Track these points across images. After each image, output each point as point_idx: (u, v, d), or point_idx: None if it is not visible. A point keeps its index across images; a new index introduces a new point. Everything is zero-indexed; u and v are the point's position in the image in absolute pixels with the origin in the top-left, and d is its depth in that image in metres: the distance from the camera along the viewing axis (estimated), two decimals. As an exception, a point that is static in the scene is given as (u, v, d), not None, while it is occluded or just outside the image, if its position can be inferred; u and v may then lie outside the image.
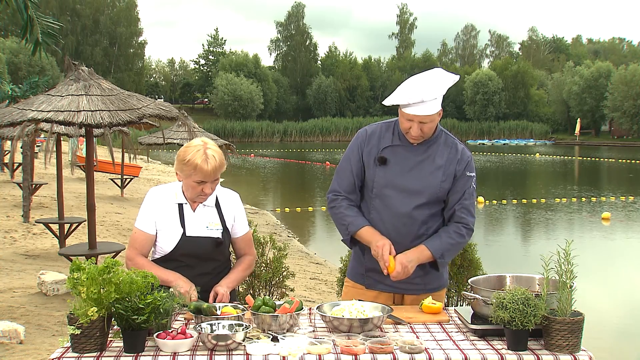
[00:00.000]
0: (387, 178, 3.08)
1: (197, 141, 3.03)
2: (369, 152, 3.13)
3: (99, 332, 2.31)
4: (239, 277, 3.22)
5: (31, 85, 12.68)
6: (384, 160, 3.08)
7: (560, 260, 2.44)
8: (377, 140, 3.13)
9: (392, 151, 3.10)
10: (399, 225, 3.07)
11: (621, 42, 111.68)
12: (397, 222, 3.07)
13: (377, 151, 3.11)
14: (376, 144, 3.12)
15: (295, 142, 72.11)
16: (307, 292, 8.47)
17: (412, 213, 3.05)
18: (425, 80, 2.98)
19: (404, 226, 3.07)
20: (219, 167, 2.98)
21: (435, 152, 3.10)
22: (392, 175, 3.08)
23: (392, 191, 3.07)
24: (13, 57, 56.61)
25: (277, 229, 14.70)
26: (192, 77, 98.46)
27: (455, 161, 3.10)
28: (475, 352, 2.37)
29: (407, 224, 3.07)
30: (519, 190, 24.48)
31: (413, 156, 3.08)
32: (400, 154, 3.09)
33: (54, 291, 7.08)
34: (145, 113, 6.68)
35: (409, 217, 3.06)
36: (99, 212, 10.66)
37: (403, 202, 3.06)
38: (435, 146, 3.11)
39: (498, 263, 10.47)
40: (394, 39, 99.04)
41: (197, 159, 2.93)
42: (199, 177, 2.96)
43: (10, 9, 7.16)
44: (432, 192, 3.06)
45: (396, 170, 3.08)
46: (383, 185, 3.09)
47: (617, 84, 65.77)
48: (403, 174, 3.07)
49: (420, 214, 3.07)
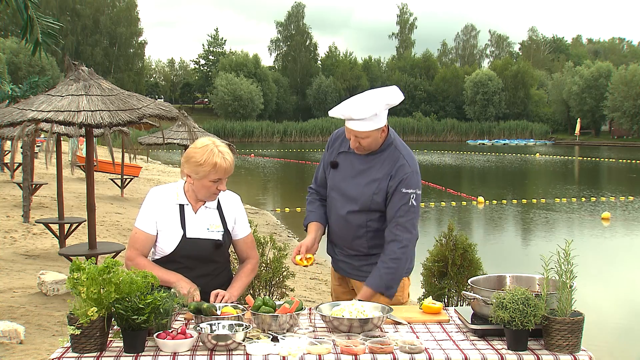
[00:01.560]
0: (334, 181, 3.31)
1: (206, 140, 3.03)
2: (330, 154, 3.38)
3: (99, 332, 2.31)
4: (243, 283, 3.21)
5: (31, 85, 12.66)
6: (335, 164, 3.32)
7: (560, 260, 2.44)
8: (338, 144, 3.35)
9: (344, 157, 3.30)
10: (340, 225, 3.31)
11: (621, 42, 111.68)
12: (338, 223, 3.31)
13: (334, 155, 3.33)
14: (336, 148, 3.35)
15: (295, 142, 72.10)
16: (307, 292, 8.47)
17: (346, 217, 3.24)
18: (358, 100, 3.09)
19: (342, 228, 3.29)
20: (233, 162, 3.04)
21: (377, 164, 3.20)
22: (338, 180, 3.29)
23: (336, 194, 3.30)
24: (13, 57, 56.65)
25: (277, 229, 14.70)
26: (192, 77, 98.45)
27: (389, 177, 3.16)
28: (475, 352, 2.37)
29: (344, 226, 3.28)
30: (519, 190, 24.47)
31: (358, 164, 3.24)
32: (349, 161, 3.28)
33: (54, 291, 7.08)
34: (145, 113, 6.68)
35: (344, 220, 3.26)
36: (99, 212, 10.67)
37: (341, 206, 3.27)
38: (379, 159, 3.20)
39: (498, 263, 10.48)
40: (394, 39, 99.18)
41: (215, 158, 2.95)
42: (218, 175, 2.99)
43: (10, 9, 7.16)
44: (364, 202, 3.20)
45: (342, 176, 3.28)
46: (331, 187, 3.34)
47: (617, 84, 65.75)
48: (346, 180, 3.26)
49: (354, 219, 3.23)
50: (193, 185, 3.05)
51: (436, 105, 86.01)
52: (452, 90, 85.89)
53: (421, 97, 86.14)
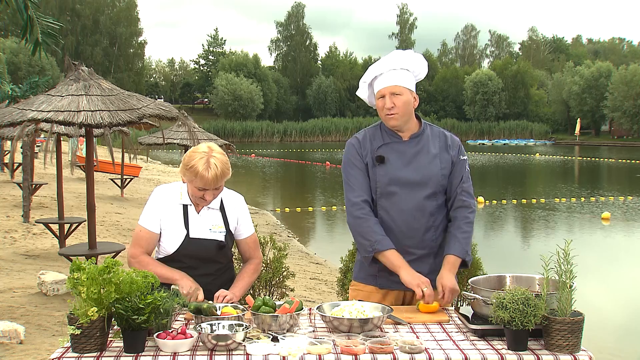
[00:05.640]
0: (388, 175, 3.10)
1: (203, 147, 3.02)
2: (366, 155, 3.16)
3: (99, 332, 2.31)
4: (246, 283, 3.20)
5: (31, 85, 12.67)
6: (382, 158, 3.12)
7: (560, 260, 2.44)
8: (369, 143, 3.17)
9: (387, 148, 3.14)
10: (409, 220, 3.08)
11: (621, 42, 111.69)
12: (407, 217, 3.08)
13: (373, 152, 3.15)
14: (370, 146, 3.16)
15: (295, 142, 72.09)
16: (307, 292, 8.47)
17: (420, 205, 3.09)
18: (395, 53, 3.18)
19: (414, 219, 3.09)
20: (221, 176, 2.97)
21: (427, 142, 3.17)
22: (393, 171, 3.10)
23: (396, 187, 3.09)
24: (13, 57, 56.64)
25: (277, 229, 14.71)
26: (192, 77, 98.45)
27: (447, 148, 3.18)
28: (475, 352, 2.37)
29: (417, 216, 3.09)
30: (519, 190, 24.47)
31: (408, 149, 3.14)
32: (396, 149, 3.14)
33: (54, 291, 7.08)
34: (145, 113, 6.68)
35: (417, 210, 3.09)
36: (99, 212, 10.67)
37: (409, 196, 3.08)
38: (425, 138, 3.18)
39: (498, 263, 10.46)
40: (394, 39, 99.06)
41: (199, 166, 2.93)
42: (200, 184, 2.97)
43: (10, 9, 7.16)
44: (434, 181, 3.11)
45: (396, 166, 3.11)
46: (386, 183, 3.10)
47: (617, 84, 65.74)
48: (403, 168, 3.10)
49: (429, 205, 3.10)
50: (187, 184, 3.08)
51: (436, 105, 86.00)
52: (452, 90, 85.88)
53: (421, 97, 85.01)
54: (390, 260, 3.04)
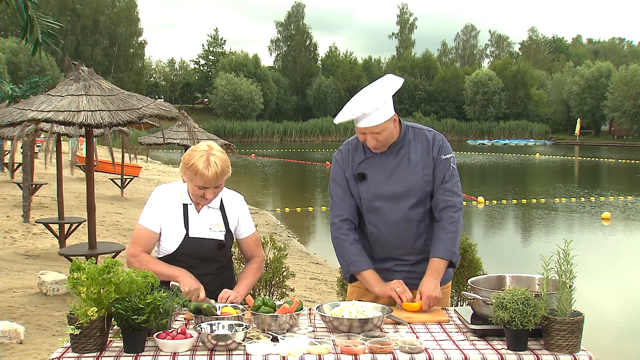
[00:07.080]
0: (371, 191, 3.11)
1: (203, 145, 3.03)
2: (348, 170, 3.17)
3: (99, 332, 2.31)
4: (250, 282, 3.21)
5: (31, 85, 12.67)
6: (363, 175, 3.12)
7: (560, 260, 2.44)
8: (351, 157, 3.17)
9: (368, 163, 3.13)
10: (397, 231, 3.11)
11: (621, 42, 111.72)
12: (394, 228, 3.11)
13: (354, 168, 3.15)
14: (351, 162, 3.16)
15: (295, 142, 72.09)
16: (307, 292, 8.47)
17: (406, 216, 3.09)
18: (364, 95, 2.98)
19: (402, 230, 3.12)
20: (221, 175, 2.98)
21: (408, 149, 3.12)
22: (375, 187, 3.11)
23: (381, 202, 3.10)
24: (13, 57, 56.61)
25: (277, 229, 14.71)
26: (192, 77, 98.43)
27: (428, 150, 3.12)
28: (475, 352, 2.37)
29: (404, 227, 3.11)
30: (519, 190, 24.46)
31: (389, 161, 3.11)
32: (377, 164, 3.12)
33: (54, 291, 7.08)
34: (145, 113, 6.68)
35: (404, 221, 3.10)
36: (99, 212, 10.67)
37: (394, 208, 3.09)
38: (406, 144, 3.13)
39: (498, 263, 10.47)
40: (394, 39, 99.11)
41: (199, 165, 2.94)
42: (200, 182, 2.98)
43: (10, 9, 7.16)
44: (418, 190, 3.09)
45: (377, 181, 3.11)
46: (370, 199, 3.12)
47: (617, 84, 65.75)
48: (385, 182, 3.10)
49: (415, 214, 3.10)
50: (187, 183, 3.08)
51: (436, 105, 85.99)
52: (452, 90, 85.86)
53: (421, 97, 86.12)
54: (365, 279, 3.10)
